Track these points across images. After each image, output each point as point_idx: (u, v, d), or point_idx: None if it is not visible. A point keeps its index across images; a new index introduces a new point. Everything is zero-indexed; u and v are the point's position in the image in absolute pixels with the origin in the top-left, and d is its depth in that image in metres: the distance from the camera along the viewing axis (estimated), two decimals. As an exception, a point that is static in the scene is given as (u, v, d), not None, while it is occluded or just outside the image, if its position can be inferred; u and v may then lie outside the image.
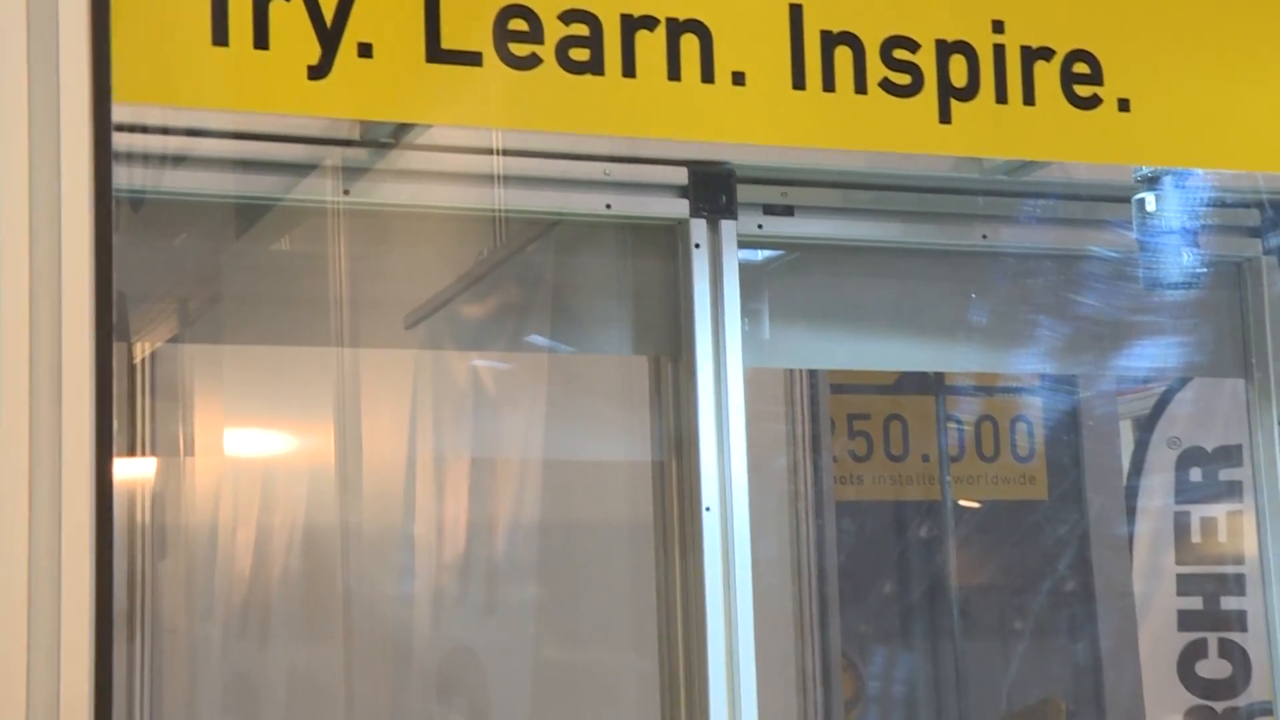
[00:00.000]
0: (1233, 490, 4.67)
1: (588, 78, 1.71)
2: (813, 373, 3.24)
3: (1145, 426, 4.86)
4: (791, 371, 3.07)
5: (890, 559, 4.11)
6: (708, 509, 2.10)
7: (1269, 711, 2.25)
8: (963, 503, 4.27)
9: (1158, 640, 4.63)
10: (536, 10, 1.70)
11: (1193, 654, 4.65)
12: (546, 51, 1.70)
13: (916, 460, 4.16)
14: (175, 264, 2.11)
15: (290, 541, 2.72)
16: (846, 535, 3.83)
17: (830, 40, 1.81)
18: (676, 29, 1.75)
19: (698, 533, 2.10)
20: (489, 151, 2.05)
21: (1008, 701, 4.11)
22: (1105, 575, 4.28)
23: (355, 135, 2.00)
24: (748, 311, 2.15)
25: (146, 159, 1.92)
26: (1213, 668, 4.63)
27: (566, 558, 2.75)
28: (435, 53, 1.67)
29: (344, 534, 2.63)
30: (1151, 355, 2.29)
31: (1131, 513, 4.66)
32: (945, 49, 1.85)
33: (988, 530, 4.30)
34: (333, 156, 2.00)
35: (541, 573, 2.72)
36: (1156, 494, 4.76)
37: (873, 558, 4.05)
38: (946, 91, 1.84)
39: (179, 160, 1.94)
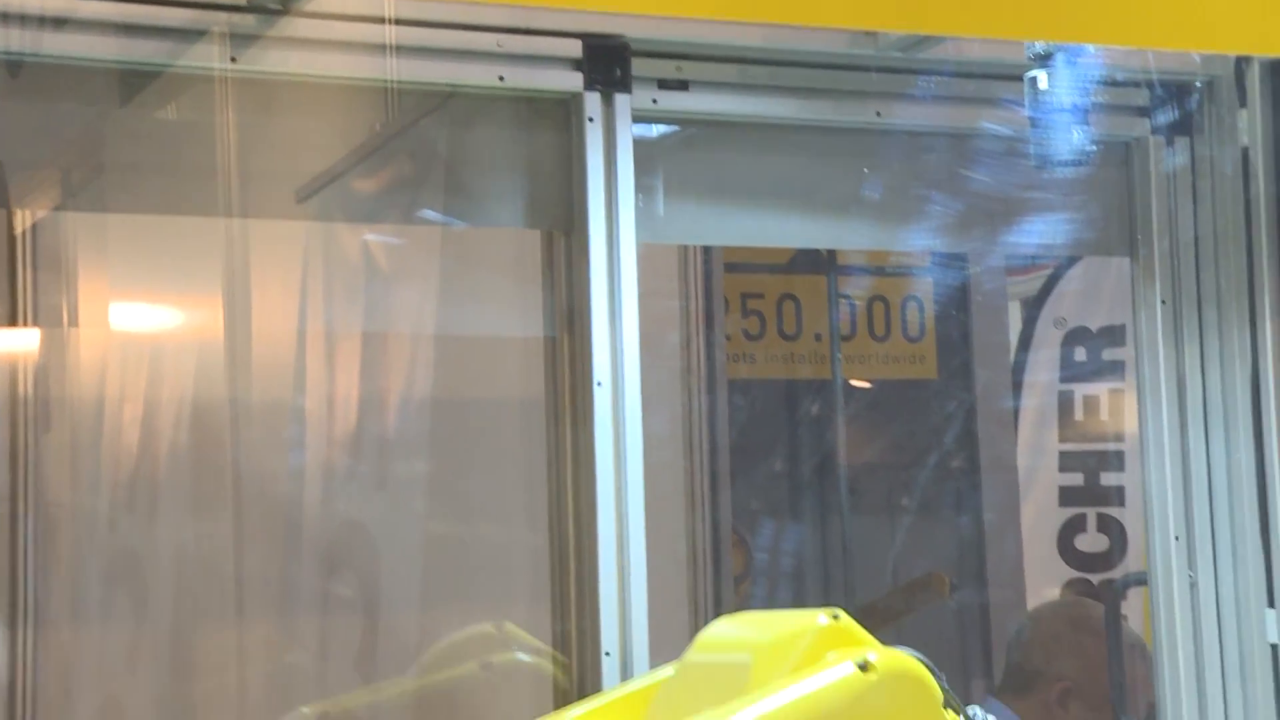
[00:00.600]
0: (1115, 369, 4.75)
1: (482, -56, 1.69)
2: (706, 250, 3.24)
3: (1033, 307, 4.92)
4: (685, 248, 3.07)
5: (781, 437, 4.15)
6: (599, 384, 2.10)
7: (1143, 582, 2.31)
8: (854, 382, 4.31)
9: (1039, 515, 4.73)
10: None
11: (1072, 528, 4.76)
12: (439, -84, 1.67)
13: (809, 339, 4.19)
14: (57, 131, 2.06)
15: (178, 416, 2.70)
16: (738, 412, 3.85)
17: (727, -89, 1.79)
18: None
19: (589, 408, 2.10)
20: (381, 20, 2.02)
21: (893, 575, 4.18)
22: (990, 453, 4.35)
23: (243, 0, 1.96)
24: (642, 187, 2.15)
25: (24, 21, 1.87)
26: (1091, 541, 4.73)
27: (458, 432, 2.75)
28: (325, -84, 1.63)
29: (233, 408, 2.61)
30: (1041, 232, 2.31)
31: (1017, 391, 4.73)
32: (842, -78, 1.84)
33: (877, 409, 4.35)
34: (220, 23, 1.96)
35: (433, 447, 2.72)
36: (1042, 373, 4.83)
37: (764, 435, 4.09)
38: (844, -36, 1.83)
39: (60, 23, 1.89)
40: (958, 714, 1.63)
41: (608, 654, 2.07)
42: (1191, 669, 2.20)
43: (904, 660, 1.52)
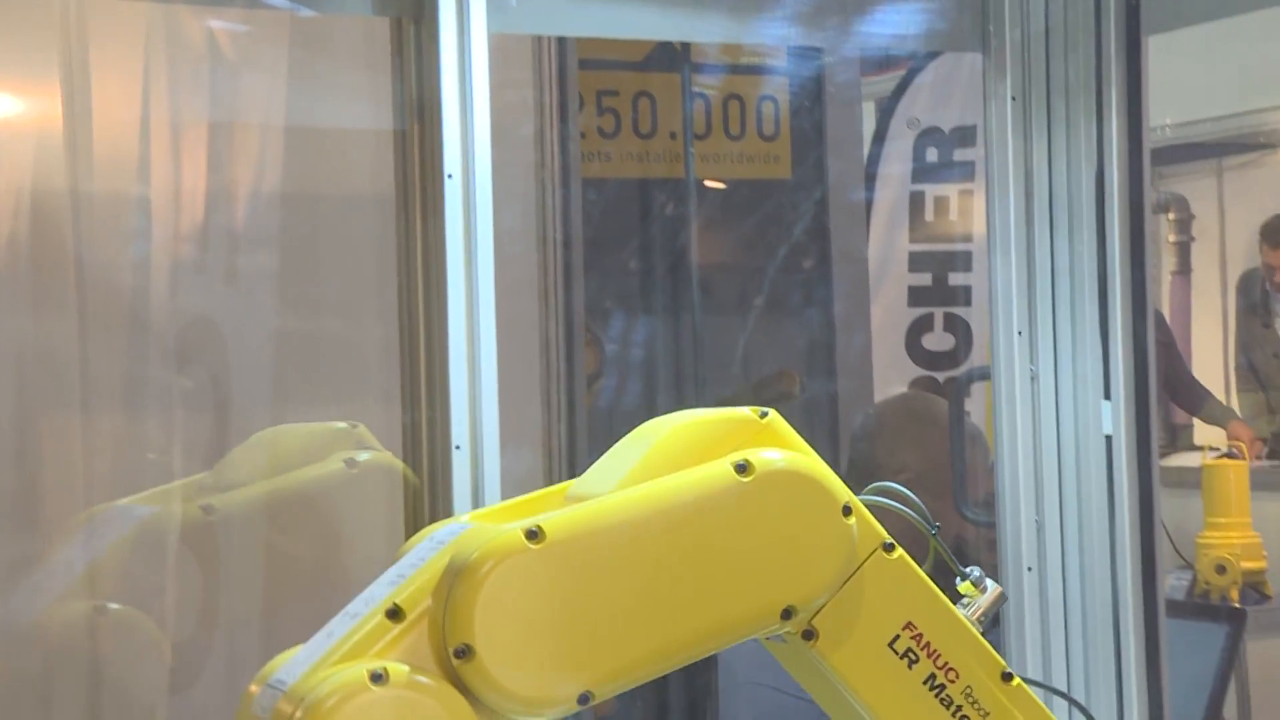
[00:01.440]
0: (965, 170, 4.80)
1: None
2: (561, 44, 3.19)
3: (887, 108, 4.94)
4: (539, 42, 3.02)
5: (635, 235, 4.15)
6: (449, 176, 2.07)
7: (986, 376, 2.36)
8: (708, 183, 4.31)
9: (888, 315, 4.81)
10: None
11: (920, 328, 4.85)
12: None
13: (664, 138, 4.17)
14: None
15: (16, 208, 2.62)
16: (592, 209, 3.84)
17: None
18: None
19: (439, 200, 2.08)
20: None
21: (745, 373, 4.23)
22: (842, 255, 4.39)
23: None
24: (493, -26, 2.10)
25: None
26: (938, 341, 4.83)
27: (306, 226, 2.71)
28: None
29: (74, 200, 2.54)
30: (895, 23, 2.31)
31: (870, 193, 4.77)
32: None
33: (731, 208, 4.36)
34: None
35: (282, 241, 2.68)
36: (894, 174, 4.87)
37: (618, 233, 4.09)
38: None
39: None
40: (959, 578, 1.59)
41: (458, 448, 2.08)
42: (1030, 459, 2.26)
43: (795, 462, 1.43)
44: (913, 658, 1.45)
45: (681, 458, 1.43)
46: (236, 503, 2.45)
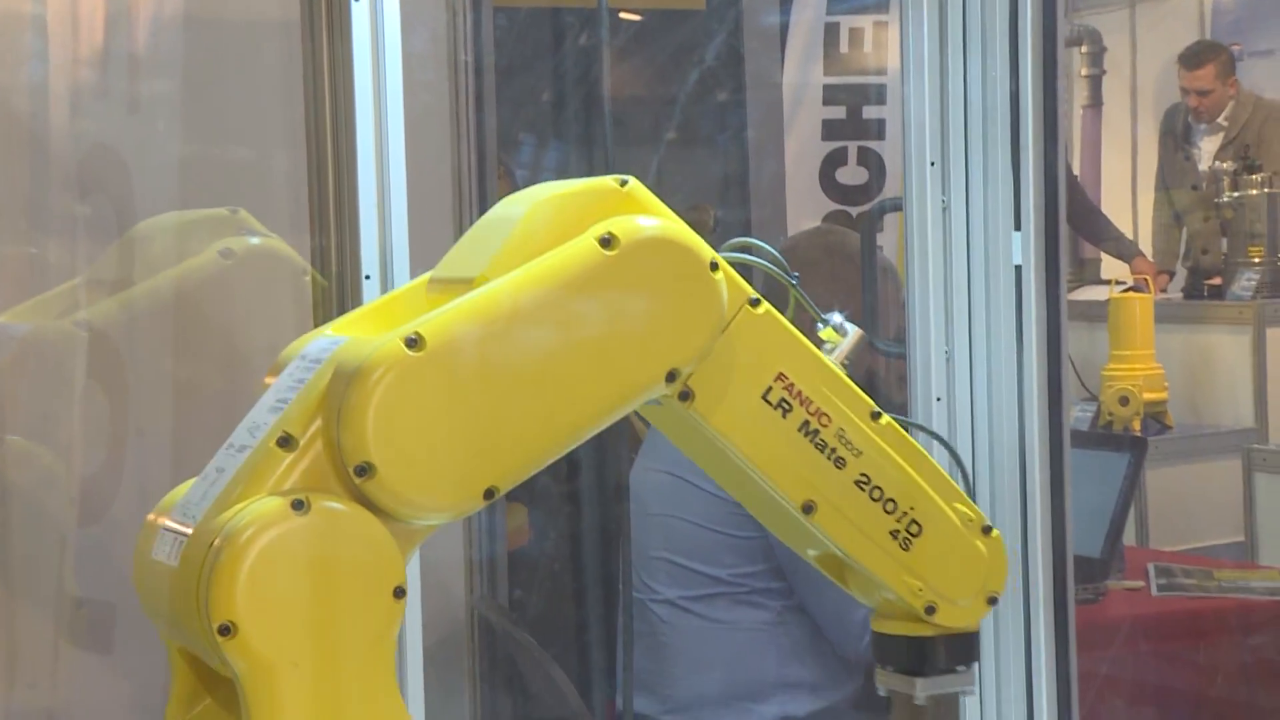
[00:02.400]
0: (880, 1, 4.76)
1: None
2: None
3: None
4: None
5: (547, 65, 4.09)
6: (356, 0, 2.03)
7: (898, 207, 2.36)
8: (623, 15, 4.25)
9: (802, 149, 4.79)
10: None
11: (834, 162, 4.84)
12: None
13: (577, -35, 4.11)
14: None
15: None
16: (504, 37, 3.78)
17: None
18: None
19: (346, 25, 2.03)
20: None
21: (658, 206, 4.21)
22: (756, 90, 4.36)
23: None
24: None
25: None
26: (852, 174, 4.83)
27: (210, 50, 2.65)
28: None
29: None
30: None
31: (785, 17, 4.73)
32: None
33: (645, 39, 4.31)
34: None
35: (186, 66, 2.62)
36: (809, 6, 4.82)
37: (530, 62, 4.03)
38: None
39: None
40: (820, 325, 1.63)
41: (368, 277, 2.05)
42: (940, 290, 2.27)
43: (658, 228, 1.42)
44: (786, 407, 1.48)
45: (545, 235, 1.42)
46: (111, 314, 2.37)
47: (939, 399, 2.26)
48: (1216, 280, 6.33)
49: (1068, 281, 2.31)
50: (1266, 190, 6.15)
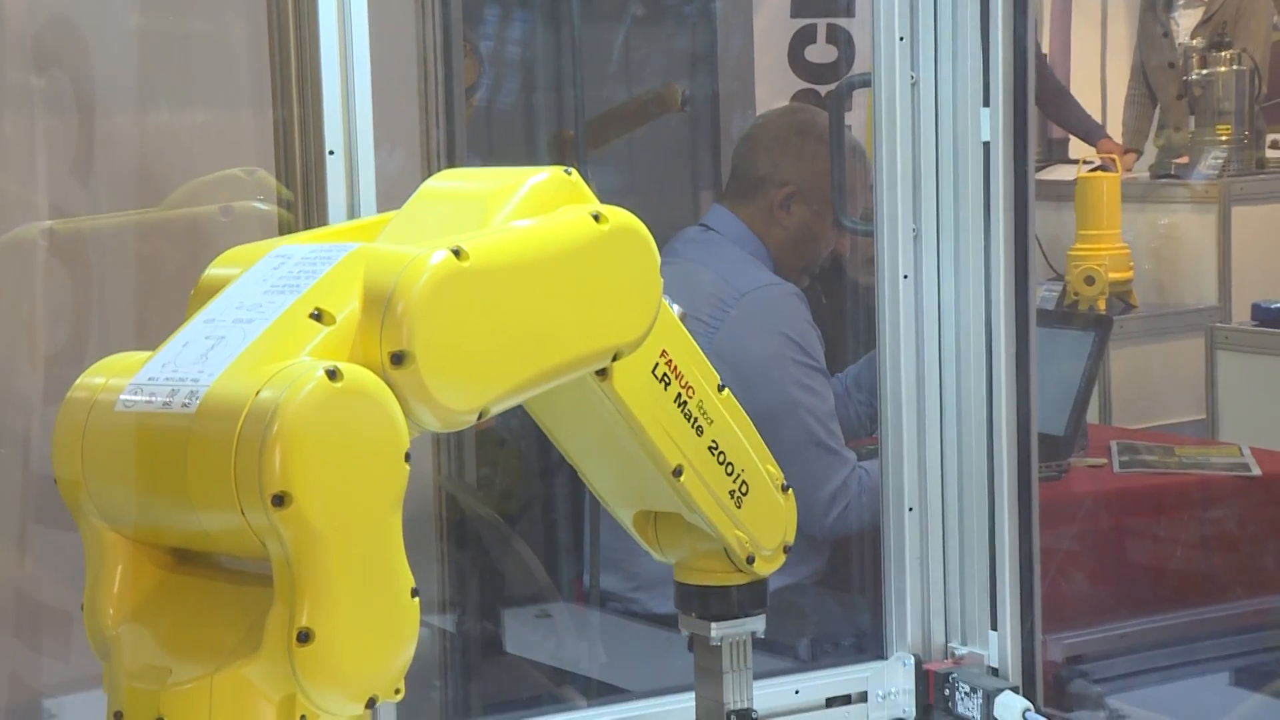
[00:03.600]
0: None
1: None
2: None
3: None
4: None
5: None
6: None
7: (867, 84, 2.34)
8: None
9: (771, 26, 4.75)
10: None
11: (803, 39, 4.80)
12: None
13: None
14: None
15: None
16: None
17: None
18: None
19: (308, -106, 2.00)
20: None
21: (626, 83, 4.18)
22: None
23: None
24: None
25: None
26: (820, 52, 4.79)
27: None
28: None
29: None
30: None
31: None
32: None
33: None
34: None
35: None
36: None
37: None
38: None
39: None
40: None
41: (331, 153, 2.03)
42: (909, 167, 2.26)
43: (632, 217, 1.55)
44: (666, 380, 1.63)
45: (514, 210, 1.52)
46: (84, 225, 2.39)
47: (906, 277, 2.26)
48: (1184, 159, 6.32)
49: (1036, 161, 2.30)
50: (1235, 68, 6.13)
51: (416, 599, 1.39)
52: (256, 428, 1.30)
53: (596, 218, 1.52)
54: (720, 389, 1.70)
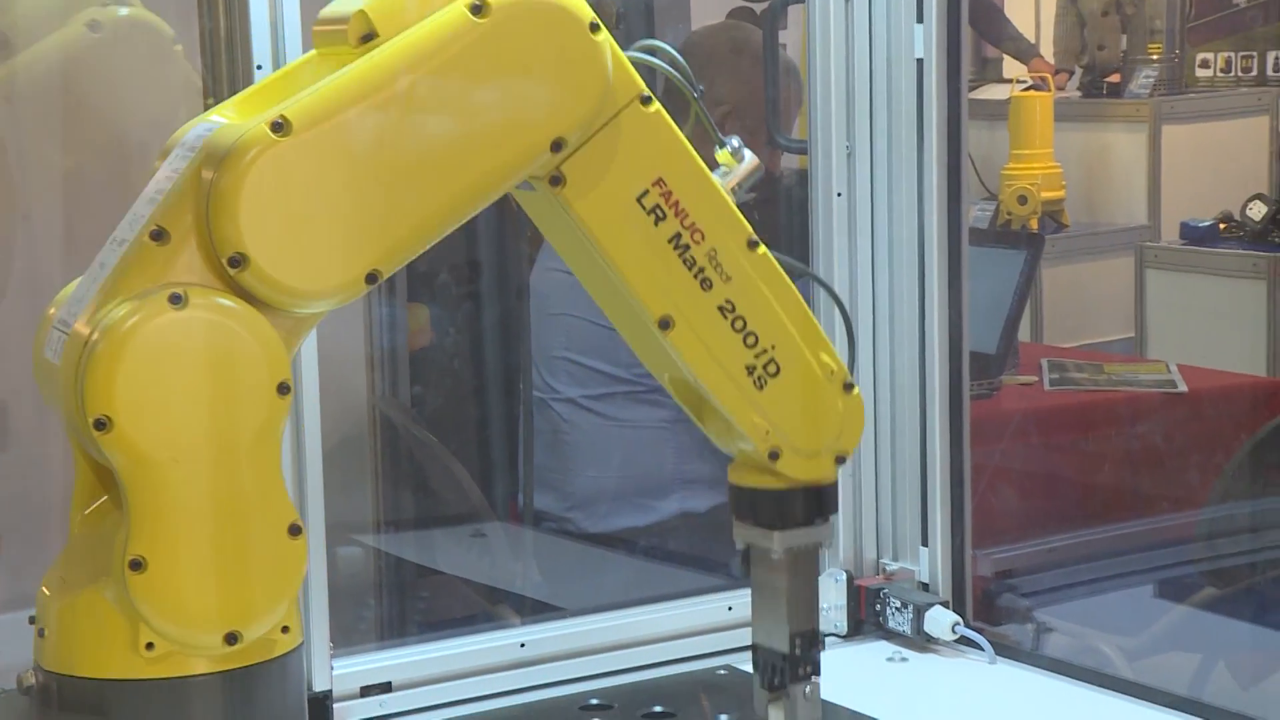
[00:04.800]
0: None
1: None
2: None
3: None
4: None
5: None
6: None
7: (801, 0, 2.33)
8: None
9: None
10: None
11: (737, -45, 4.76)
12: None
13: None
14: None
15: None
16: None
17: None
18: None
19: None
20: None
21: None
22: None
23: None
24: None
25: None
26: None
27: None
28: None
29: None
30: None
31: None
32: None
33: None
34: None
35: None
36: None
37: None
38: None
39: None
40: (718, 146, 1.58)
41: (259, 68, 2.00)
42: (842, 84, 2.25)
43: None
44: (660, 214, 1.43)
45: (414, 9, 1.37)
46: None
47: (839, 194, 2.26)
48: (1115, 78, 6.34)
49: (969, 80, 2.30)
50: (1166, -12, 6.15)
51: (299, 536, 1.35)
52: (84, 357, 1.30)
53: (478, 9, 1.34)
54: (753, 245, 1.48)
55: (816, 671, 1.56)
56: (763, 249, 1.49)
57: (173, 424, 1.30)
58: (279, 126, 1.30)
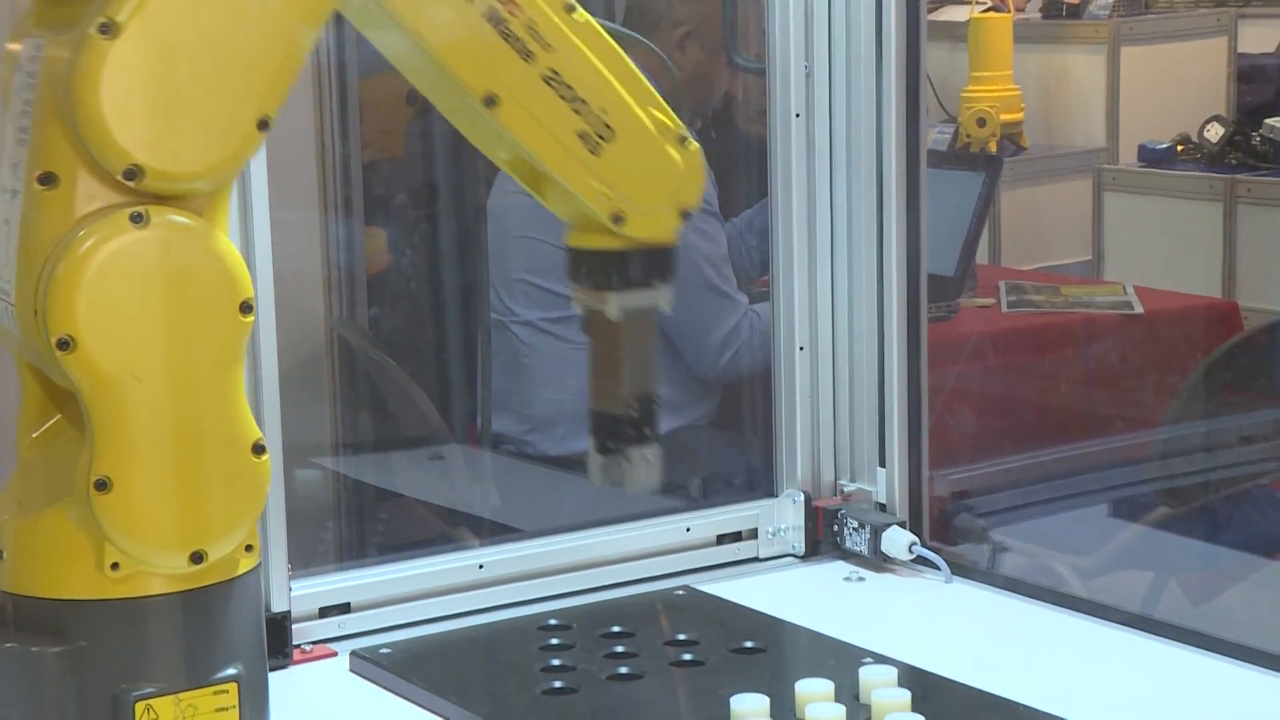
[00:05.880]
0: None
1: None
2: None
3: None
4: None
5: None
6: None
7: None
8: None
9: None
10: None
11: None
12: None
13: None
14: None
15: None
16: None
17: None
18: None
19: None
20: None
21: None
22: None
23: None
24: None
25: None
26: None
27: None
28: None
29: None
30: None
31: None
32: None
33: None
34: None
35: None
36: None
37: None
38: None
39: None
40: None
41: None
42: (801, 4, 2.24)
43: None
44: None
45: None
46: None
47: (798, 115, 2.26)
48: None
49: (929, 1, 2.29)
50: (1127, -94, 6.13)
51: (263, 455, 1.36)
52: (44, 278, 1.29)
53: None
54: (570, 9, 1.45)
55: (656, 440, 1.58)
56: (582, 12, 1.46)
57: (136, 343, 1.30)
58: (107, 28, 1.28)
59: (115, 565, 1.33)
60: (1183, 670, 1.85)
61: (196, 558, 1.34)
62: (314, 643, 1.92)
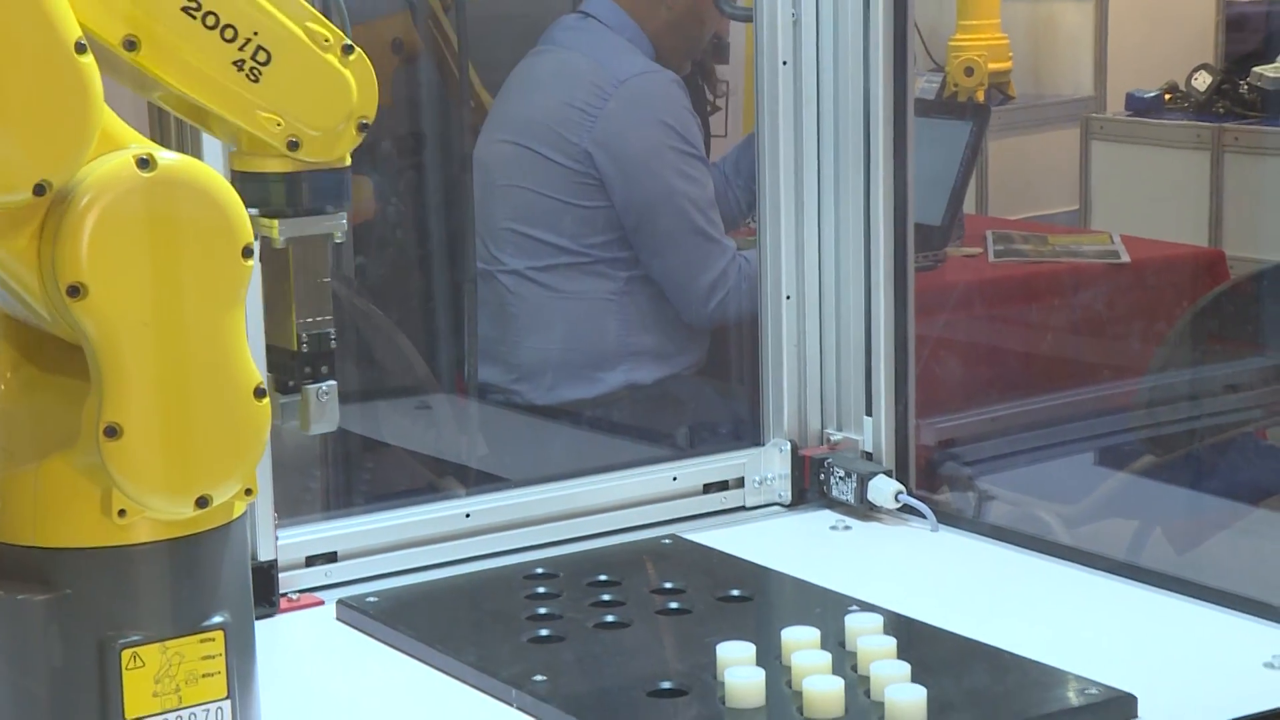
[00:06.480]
0: None
1: None
2: None
3: None
4: None
5: None
6: None
7: None
8: None
9: None
10: None
11: None
12: None
13: None
14: None
15: None
16: None
17: None
18: None
19: None
20: None
21: None
22: None
23: None
24: None
25: None
26: None
27: None
28: None
29: None
30: None
31: None
32: None
33: None
34: None
35: None
36: None
37: None
38: None
39: None
40: None
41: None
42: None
43: None
44: None
45: None
46: None
47: (785, 63, 2.25)
48: (1063, -52, 6.30)
49: (916, -52, 2.28)
50: None
51: (264, 399, 1.35)
52: (52, 223, 1.28)
53: None
54: None
55: (332, 375, 1.52)
56: None
57: (143, 288, 1.30)
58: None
59: (123, 512, 1.33)
60: (1167, 617, 1.86)
61: (202, 502, 1.34)
62: (300, 591, 1.92)
